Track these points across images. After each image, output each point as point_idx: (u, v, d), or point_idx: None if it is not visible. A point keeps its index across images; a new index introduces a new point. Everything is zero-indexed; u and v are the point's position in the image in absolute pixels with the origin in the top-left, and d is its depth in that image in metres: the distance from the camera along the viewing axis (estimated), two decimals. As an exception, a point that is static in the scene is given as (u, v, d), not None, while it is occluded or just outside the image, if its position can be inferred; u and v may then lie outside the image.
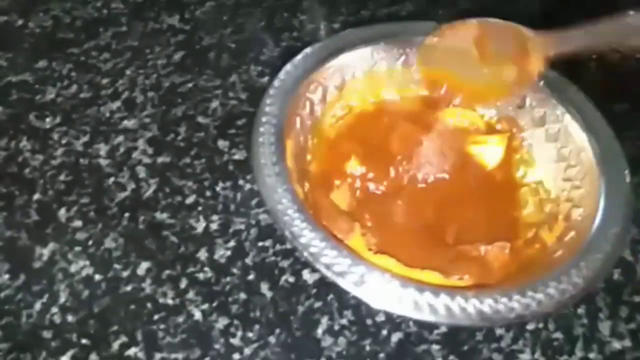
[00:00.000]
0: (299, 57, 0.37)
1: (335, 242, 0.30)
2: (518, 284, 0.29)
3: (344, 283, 0.28)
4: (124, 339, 0.32)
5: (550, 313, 0.31)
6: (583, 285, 0.29)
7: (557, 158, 0.36)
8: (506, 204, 0.36)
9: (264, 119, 0.34)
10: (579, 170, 0.35)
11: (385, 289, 0.28)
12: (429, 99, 0.39)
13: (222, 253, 0.35)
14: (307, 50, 0.37)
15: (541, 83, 0.37)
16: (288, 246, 0.36)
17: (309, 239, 0.29)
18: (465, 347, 0.33)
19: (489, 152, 0.37)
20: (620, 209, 0.32)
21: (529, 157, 0.38)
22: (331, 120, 0.38)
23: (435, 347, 0.32)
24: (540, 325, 0.34)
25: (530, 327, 0.33)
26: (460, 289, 0.29)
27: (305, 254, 0.29)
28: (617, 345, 0.33)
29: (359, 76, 0.38)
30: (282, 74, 0.36)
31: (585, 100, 0.36)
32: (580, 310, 0.34)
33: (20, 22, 0.47)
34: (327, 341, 0.32)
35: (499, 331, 0.33)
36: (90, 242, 0.35)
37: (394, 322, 0.33)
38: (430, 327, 0.33)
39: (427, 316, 0.28)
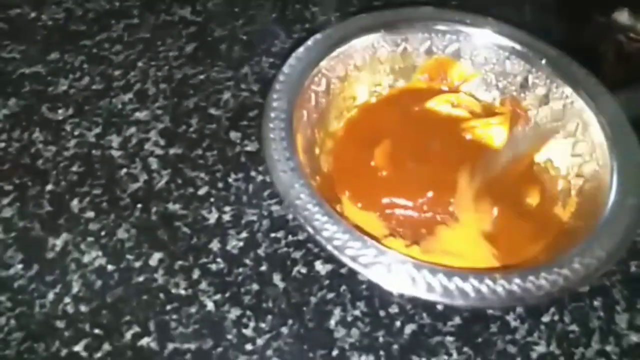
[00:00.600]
0: (301, 49, 0.36)
1: (358, 233, 0.29)
2: (541, 262, 0.29)
3: (370, 274, 0.28)
4: (136, 329, 0.32)
5: (577, 288, 0.31)
6: (606, 257, 0.29)
7: (564, 134, 0.36)
8: (522, 183, 0.36)
9: (272, 115, 0.33)
10: (588, 145, 0.35)
11: (414, 277, 0.28)
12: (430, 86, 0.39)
13: (234, 244, 0.35)
14: (309, 42, 0.37)
15: (543, 61, 0.37)
16: (300, 237, 0.35)
17: (331, 232, 0.29)
18: (480, 339, 0.32)
19: (493, 134, 0.37)
20: (635, 179, 0.32)
21: None
22: (335, 113, 0.38)
23: (449, 338, 0.32)
24: (556, 317, 0.33)
25: (545, 319, 0.33)
26: (486, 270, 0.29)
27: (329, 247, 0.29)
28: (634, 338, 0.33)
29: (361, 66, 0.38)
30: (286, 67, 0.35)
31: (587, 75, 0.36)
32: (597, 303, 0.34)
33: (33, 14, 0.47)
34: (340, 332, 0.32)
35: (513, 323, 0.33)
36: (102, 233, 0.35)
37: (408, 313, 0.33)
38: (444, 318, 0.33)
39: (457, 300, 0.28)
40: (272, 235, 0.36)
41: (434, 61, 0.39)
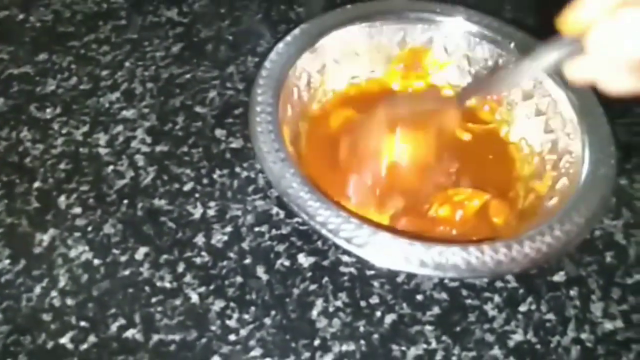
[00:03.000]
0: (281, 44, 0.37)
1: (351, 216, 0.30)
2: (524, 233, 0.30)
3: (365, 254, 0.29)
4: (122, 321, 0.32)
5: (560, 255, 0.33)
6: (584, 224, 0.31)
7: (535, 113, 0.38)
8: (498, 163, 0.38)
9: (258, 109, 0.34)
10: (559, 121, 0.36)
11: (409, 255, 0.29)
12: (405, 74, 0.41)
13: (219, 238, 0.36)
14: (288, 37, 0.38)
15: (512, 45, 0.38)
16: (284, 231, 0.36)
17: (325, 217, 0.30)
18: (458, 328, 0.33)
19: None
20: (605, 151, 0.34)
21: (509, 116, 0.39)
22: (317, 104, 0.39)
23: (428, 327, 0.33)
24: (533, 306, 0.34)
25: (522, 308, 0.34)
26: (473, 242, 0.30)
27: (324, 231, 0.30)
28: (609, 325, 0.34)
29: (338, 58, 0.39)
30: (267, 63, 0.36)
31: None
32: (573, 292, 0.35)
33: (21, 16, 0.48)
34: (322, 322, 0.33)
35: (491, 312, 0.34)
36: (89, 228, 0.36)
37: (388, 303, 0.34)
38: (424, 308, 0.34)
39: (450, 273, 0.29)
40: (256, 229, 0.36)
41: (408, 51, 0.41)
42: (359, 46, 0.40)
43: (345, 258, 0.35)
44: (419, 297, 0.34)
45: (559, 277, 0.35)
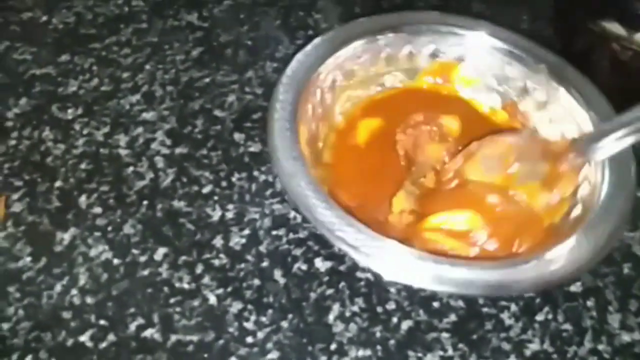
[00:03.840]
0: (309, 47, 0.37)
1: (361, 224, 0.30)
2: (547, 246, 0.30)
3: (369, 262, 0.29)
4: (140, 320, 0.33)
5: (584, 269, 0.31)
6: (607, 238, 0.31)
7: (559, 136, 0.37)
8: None
9: (278, 106, 0.34)
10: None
11: (415, 268, 0.29)
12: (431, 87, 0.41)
13: (237, 240, 0.36)
14: (317, 40, 0.38)
15: (542, 66, 0.38)
16: (301, 235, 0.36)
17: (330, 221, 0.30)
18: (475, 336, 0.33)
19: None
20: (625, 176, 0.33)
21: None
22: (340, 109, 0.39)
23: (445, 335, 0.33)
24: (550, 316, 0.34)
25: (539, 317, 0.34)
26: (494, 261, 0.30)
27: (329, 236, 0.30)
28: (626, 337, 0.33)
29: (365, 65, 0.39)
30: (293, 64, 0.36)
31: (583, 79, 0.37)
32: (590, 303, 0.35)
33: (44, 18, 0.48)
34: (339, 327, 0.33)
35: (508, 321, 0.34)
36: (109, 228, 0.36)
37: (405, 310, 0.34)
38: (440, 315, 0.34)
39: (479, 291, 0.29)
40: (274, 232, 0.36)
41: (437, 65, 0.40)
42: (386, 55, 0.40)
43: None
44: (436, 304, 0.34)
45: (576, 287, 0.35)
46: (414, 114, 0.39)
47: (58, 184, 0.38)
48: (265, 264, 0.35)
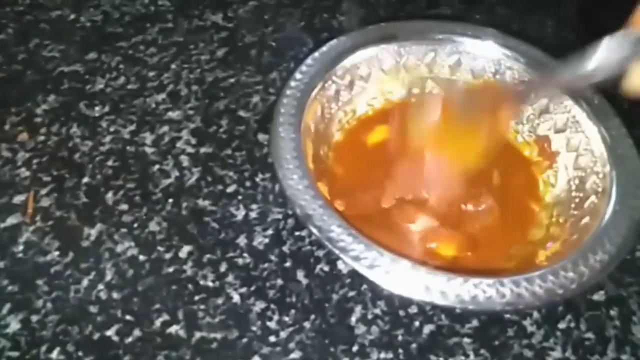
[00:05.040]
0: (312, 57, 0.38)
1: (363, 236, 0.30)
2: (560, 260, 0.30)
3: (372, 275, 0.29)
4: (165, 317, 0.33)
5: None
6: (616, 251, 0.31)
7: (567, 148, 0.37)
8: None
9: (281, 119, 0.35)
10: (590, 158, 0.36)
11: (427, 285, 0.29)
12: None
13: (260, 240, 0.36)
14: (316, 53, 0.38)
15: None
16: (324, 237, 0.37)
17: (337, 233, 0.30)
18: (497, 342, 0.33)
19: None
20: (633, 188, 0.33)
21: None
22: (343, 119, 0.39)
23: (466, 340, 0.33)
24: (572, 324, 0.34)
25: (561, 325, 0.34)
26: (501, 275, 0.30)
27: (332, 246, 0.30)
28: (649, 348, 0.33)
29: (372, 75, 0.40)
30: (297, 74, 0.37)
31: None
32: (613, 312, 0.35)
33: (72, 16, 0.49)
34: (361, 329, 0.33)
35: (530, 328, 0.34)
36: (135, 225, 0.37)
37: (427, 314, 0.34)
38: (462, 320, 0.34)
39: (485, 305, 0.29)
40: (297, 233, 0.37)
41: (481, 82, 0.40)
42: (388, 64, 0.40)
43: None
44: (457, 309, 0.34)
45: (599, 296, 0.35)
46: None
47: (85, 180, 0.39)
48: (288, 264, 0.35)
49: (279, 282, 0.35)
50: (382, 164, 0.37)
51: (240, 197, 0.38)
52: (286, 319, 0.33)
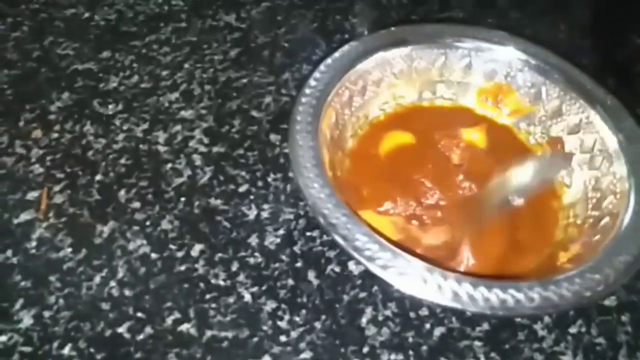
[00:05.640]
0: (324, 64, 0.37)
1: (377, 235, 0.30)
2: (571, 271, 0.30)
3: (385, 275, 0.29)
4: (177, 315, 0.33)
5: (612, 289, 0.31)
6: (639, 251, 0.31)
7: (582, 150, 0.37)
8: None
9: (298, 127, 0.34)
10: (605, 159, 0.36)
11: (440, 285, 0.29)
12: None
13: (271, 240, 0.36)
14: (329, 60, 0.37)
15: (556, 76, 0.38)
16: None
17: (352, 232, 0.30)
18: (507, 346, 0.33)
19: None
20: None
21: None
22: (356, 125, 0.39)
23: (477, 343, 0.33)
24: (583, 329, 0.34)
25: (572, 330, 0.34)
26: (517, 280, 0.30)
27: (346, 245, 0.30)
28: (661, 354, 0.33)
29: (384, 80, 0.39)
30: (311, 81, 0.36)
31: (600, 89, 0.37)
32: (624, 318, 0.34)
33: (86, 14, 0.50)
34: (371, 330, 0.33)
35: (541, 332, 0.34)
36: (147, 223, 0.37)
37: (438, 316, 0.34)
38: (473, 323, 0.34)
39: (482, 309, 0.28)
40: (308, 234, 0.37)
41: (495, 86, 0.40)
42: (399, 69, 0.40)
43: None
44: (468, 312, 0.34)
45: (610, 301, 0.35)
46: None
47: (98, 177, 0.39)
48: (299, 264, 0.35)
49: (290, 282, 0.35)
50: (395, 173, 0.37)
51: (252, 197, 0.38)
52: (297, 319, 0.33)
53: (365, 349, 0.33)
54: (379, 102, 0.40)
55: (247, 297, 0.34)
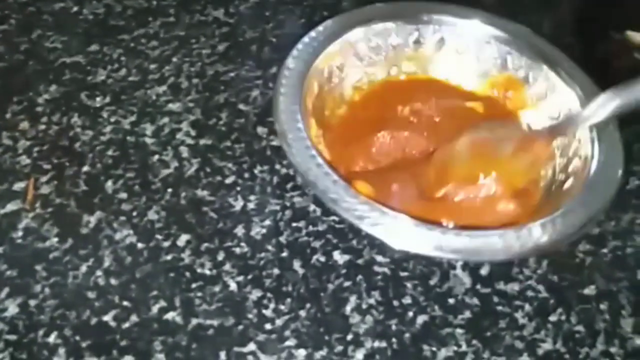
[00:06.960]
0: (313, 33, 0.39)
1: (372, 200, 0.31)
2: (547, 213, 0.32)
3: (374, 230, 0.31)
4: (163, 303, 0.33)
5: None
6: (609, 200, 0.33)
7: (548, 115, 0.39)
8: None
9: (282, 101, 0.36)
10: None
11: (430, 239, 0.30)
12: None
13: (257, 230, 0.37)
14: (312, 32, 0.39)
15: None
16: (320, 228, 0.37)
17: (350, 203, 0.31)
18: (488, 333, 0.34)
19: None
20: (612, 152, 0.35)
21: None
22: (331, 105, 0.40)
23: (459, 330, 0.34)
24: (563, 317, 0.34)
25: (552, 318, 0.34)
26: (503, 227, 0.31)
27: (347, 216, 0.31)
28: (639, 342, 0.34)
29: (362, 54, 0.40)
30: (293, 54, 0.38)
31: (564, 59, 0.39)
32: (603, 306, 0.35)
33: (75, 8, 0.50)
34: (355, 318, 0.34)
35: (521, 320, 0.34)
36: (134, 213, 0.37)
37: (420, 304, 0.34)
38: (455, 311, 0.34)
39: (486, 257, 0.31)
40: (294, 224, 0.37)
41: (506, 78, 0.41)
42: (373, 46, 0.41)
43: (379, 258, 0.36)
44: (451, 300, 0.35)
45: (590, 290, 0.36)
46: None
47: (85, 168, 0.39)
48: (284, 254, 0.36)
49: (276, 271, 0.35)
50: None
51: (238, 188, 0.39)
52: (282, 307, 0.34)
53: (349, 337, 0.33)
54: (352, 80, 0.41)
55: (233, 286, 0.34)
